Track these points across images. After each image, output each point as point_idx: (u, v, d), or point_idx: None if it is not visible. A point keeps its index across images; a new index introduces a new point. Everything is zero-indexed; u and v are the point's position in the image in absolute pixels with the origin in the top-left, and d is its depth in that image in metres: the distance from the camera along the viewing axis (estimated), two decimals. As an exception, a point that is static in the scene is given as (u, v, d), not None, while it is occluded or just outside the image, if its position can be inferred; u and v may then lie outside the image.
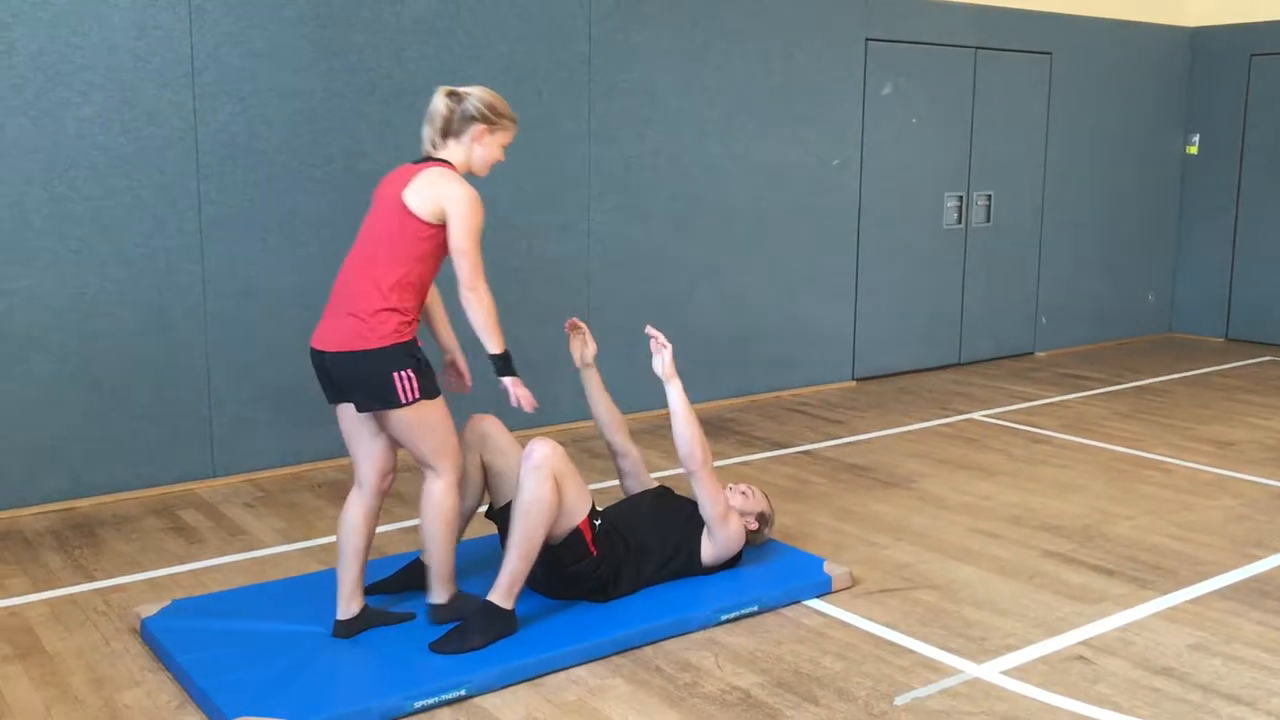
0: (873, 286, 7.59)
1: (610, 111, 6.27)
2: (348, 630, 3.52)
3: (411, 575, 3.86)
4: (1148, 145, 9.10)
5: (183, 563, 4.31)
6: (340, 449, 5.60)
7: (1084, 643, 3.63)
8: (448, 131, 3.51)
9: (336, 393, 3.46)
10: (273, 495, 5.13)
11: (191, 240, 5.11)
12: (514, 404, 3.47)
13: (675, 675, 3.39)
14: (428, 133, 3.55)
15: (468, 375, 3.86)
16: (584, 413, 6.07)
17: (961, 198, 7.97)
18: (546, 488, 3.45)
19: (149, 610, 3.67)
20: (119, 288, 4.97)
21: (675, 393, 3.89)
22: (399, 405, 3.35)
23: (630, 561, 3.80)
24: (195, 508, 4.96)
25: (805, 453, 5.89)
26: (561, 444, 3.62)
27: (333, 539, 4.57)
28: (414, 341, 3.42)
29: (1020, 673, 3.42)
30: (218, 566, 4.27)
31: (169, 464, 5.19)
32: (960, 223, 7.99)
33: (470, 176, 3.60)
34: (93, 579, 4.14)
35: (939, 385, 7.56)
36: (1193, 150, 9.29)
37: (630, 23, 6.28)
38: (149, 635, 3.54)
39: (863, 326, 7.59)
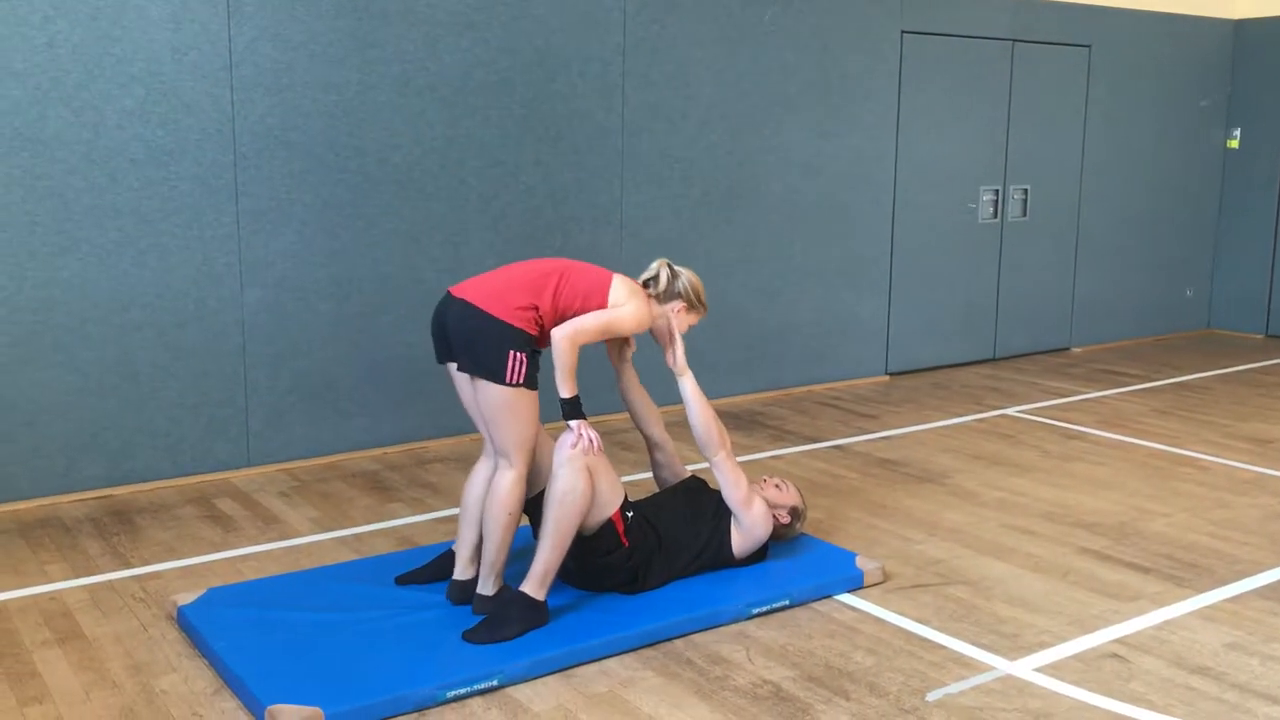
0: (907, 280, 7.55)
1: (644, 104, 6.27)
2: (461, 591, 3.69)
3: (444, 566, 3.88)
4: (1188, 139, 8.98)
5: (219, 550, 4.35)
6: (372, 440, 5.65)
7: (1119, 640, 3.60)
8: (660, 295, 3.87)
9: (446, 348, 3.63)
10: (307, 485, 5.18)
11: (229, 231, 5.16)
12: (583, 444, 3.52)
13: (706, 668, 3.39)
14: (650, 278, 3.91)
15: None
16: (614, 405, 6.08)
17: (998, 191, 7.90)
18: (581, 479, 3.46)
19: (186, 598, 3.72)
20: (157, 278, 5.02)
21: (689, 384, 3.91)
22: (502, 382, 3.48)
23: (661, 553, 3.80)
24: (231, 496, 5.01)
25: (837, 447, 5.87)
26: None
27: (366, 528, 4.61)
28: (537, 341, 3.57)
29: (1054, 670, 3.40)
30: (253, 555, 4.31)
31: (205, 453, 5.24)
32: (996, 216, 7.93)
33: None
34: (130, 566, 4.19)
35: (973, 380, 7.51)
36: (1234, 144, 9.17)
37: (665, 15, 6.27)
38: (186, 622, 3.58)
39: (896, 320, 7.55)
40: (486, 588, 3.62)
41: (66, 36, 4.72)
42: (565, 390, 3.56)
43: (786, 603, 3.80)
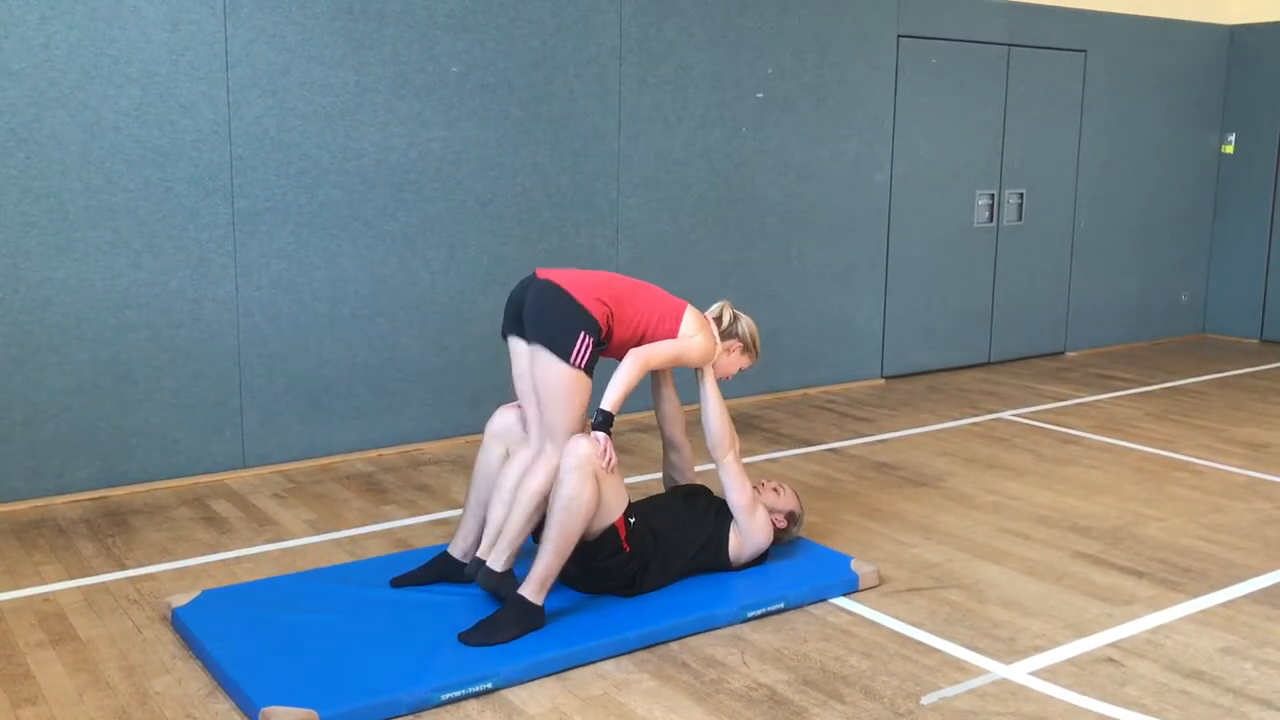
0: (902, 284, 7.56)
1: (641, 106, 6.27)
2: (475, 569, 3.75)
3: (439, 567, 3.88)
4: (1183, 144, 9.01)
5: (213, 552, 4.35)
6: (367, 442, 5.65)
7: (1113, 644, 3.61)
8: (720, 334, 4.02)
9: (516, 322, 3.74)
10: (302, 486, 5.17)
11: (224, 233, 5.15)
12: (598, 450, 3.53)
13: (701, 671, 3.39)
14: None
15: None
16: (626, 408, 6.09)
17: (993, 196, 7.92)
18: (588, 486, 3.46)
19: (180, 599, 3.71)
20: (153, 279, 5.02)
21: (710, 384, 3.94)
22: (566, 360, 3.57)
23: (658, 556, 3.80)
24: (225, 498, 5.00)
25: (832, 450, 5.88)
26: (584, 434, 3.63)
27: (361, 530, 4.60)
28: (602, 336, 3.67)
29: (1048, 674, 3.40)
30: (247, 556, 4.31)
31: (200, 454, 5.24)
32: (991, 221, 7.94)
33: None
34: (125, 567, 4.18)
35: (968, 384, 7.52)
36: (1229, 149, 9.19)
37: (662, 18, 6.27)
38: (180, 624, 3.57)
39: (892, 324, 7.56)
40: (498, 564, 3.63)
41: (63, 38, 4.71)
42: (611, 405, 3.62)
43: (782, 606, 3.80)
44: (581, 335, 3.58)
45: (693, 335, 3.82)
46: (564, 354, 3.58)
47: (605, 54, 6.11)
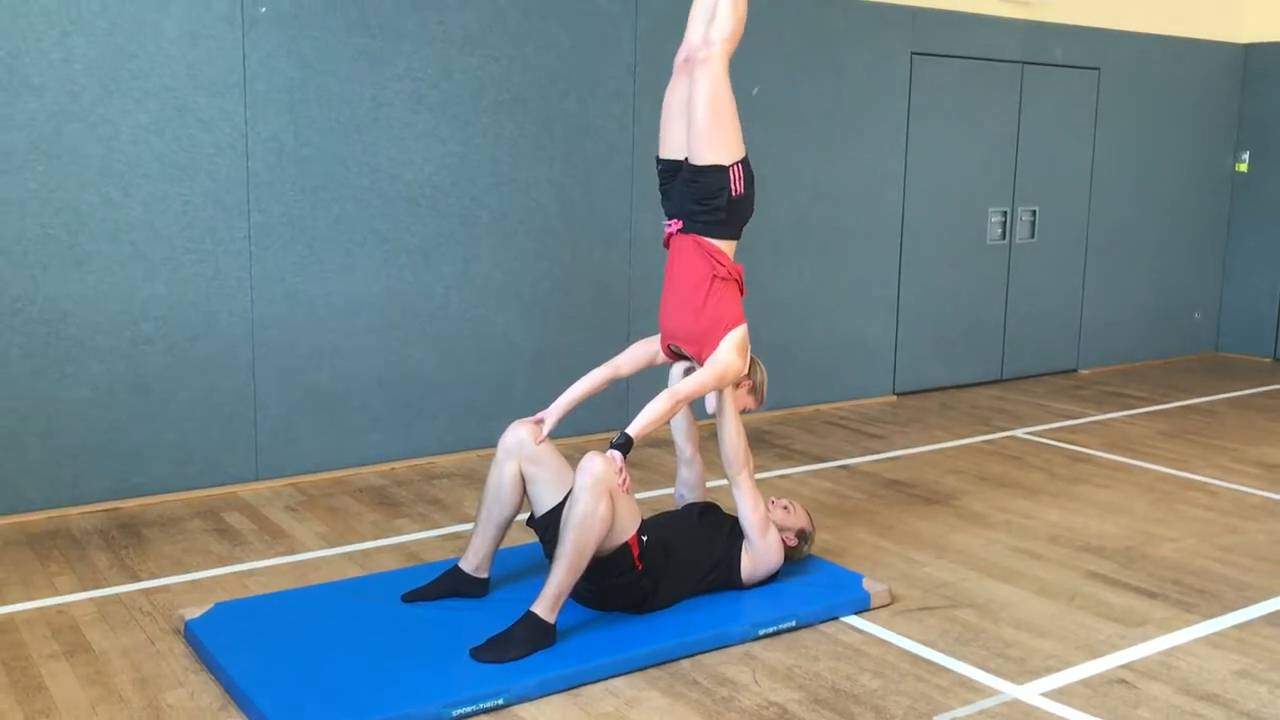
0: (915, 300, 7.55)
1: (655, 122, 6.25)
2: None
3: (451, 582, 3.89)
4: (1196, 162, 8.99)
5: (226, 564, 4.36)
6: (380, 455, 5.66)
7: (1126, 666, 3.60)
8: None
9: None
10: (315, 499, 5.19)
11: (240, 246, 5.18)
12: (613, 469, 3.53)
13: (712, 689, 3.39)
14: None
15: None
16: (619, 422, 6.09)
17: (1006, 213, 7.92)
18: (603, 504, 3.47)
19: (193, 612, 3.72)
20: (169, 292, 5.05)
21: (727, 400, 3.94)
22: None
23: (671, 574, 3.80)
24: (238, 510, 5.02)
25: (844, 467, 5.87)
26: (599, 452, 3.63)
27: (373, 544, 4.62)
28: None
29: (1060, 695, 3.39)
30: (260, 569, 4.32)
31: (214, 466, 5.26)
32: (1004, 238, 7.94)
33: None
34: (138, 579, 4.20)
35: (981, 401, 7.51)
36: (1243, 168, 9.18)
37: (676, 34, 6.24)
38: (193, 637, 3.59)
39: (904, 340, 7.56)
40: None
41: (83, 52, 4.75)
42: (635, 432, 3.64)
43: (793, 624, 3.80)
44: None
45: (735, 358, 3.85)
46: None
47: (620, 71, 6.13)
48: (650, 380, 4.56)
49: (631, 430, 3.63)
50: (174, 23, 4.92)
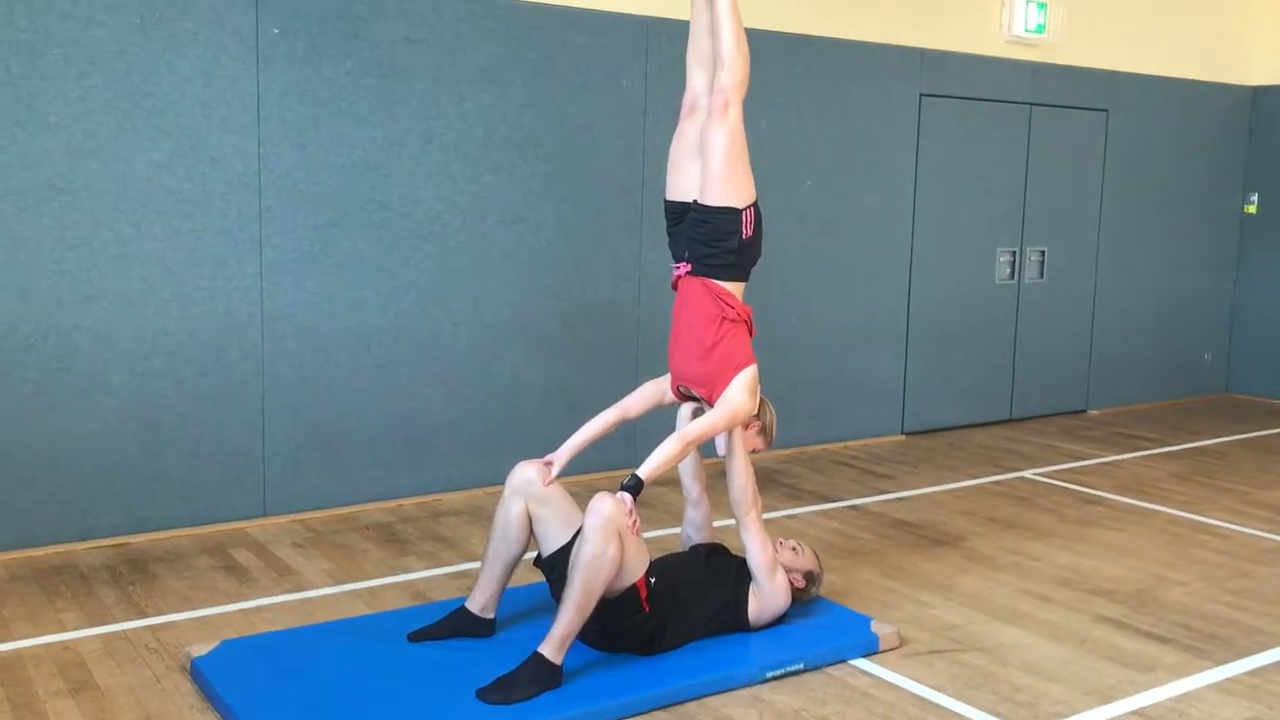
0: (923, 340, 7.55)
1: (664, 161, 6.31)
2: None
3: (458, 622, 3.88)
4: (1205, 203, 9.01)
5: (233, 601, 4.35)
6: (386, 492, 5.66)
7: (1136, 712, 3.56)
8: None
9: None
10: (322, 536, 5.18)
11: (251, 282, 5.21)
12: (624, 511, 3.53)
13: (719, 732, 3.37)
14: None
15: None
16: (627, 461, 6.10)
17: (1014, 253, 7.93)
18: (612, 546, 3.46)
19: (200, 650, 3.72)
20: (179, 327, 5.07)
21: (737, 440, 3.94)
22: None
23: (676, 616, 3.79)
24: (246, 546, 5.02)
25: (853, 507, 5.85)
26: (610, 493, 3.63)
27: (379, 582, 4.60)
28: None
29: (1070, 742, 3.36)
30: (267, 606, 4.31)
31: (221, 502, 5.26)
32: (1013, 278, 7.95)
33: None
34: (145, 615, 4.19)
35: (990, 441, 7.49)
36: (1252, 209, 9.19)
37: (684, 76, 6.32)
38: (199, 675, 3.58)
39: (913, 380, 7.55)
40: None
41: (100, 91, 4.80)
42: (646, 474, 3.62)
43: (800, 666, 3.78)
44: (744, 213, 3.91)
45: (745, 399, 3.84)
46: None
47: (630, 110, 6.18)
48: (658, 420, 4.55)
49: (642, 472, 3.63)
50: (189, 62, 4.98)
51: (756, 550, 3.90)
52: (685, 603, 3.81)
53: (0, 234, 4.68)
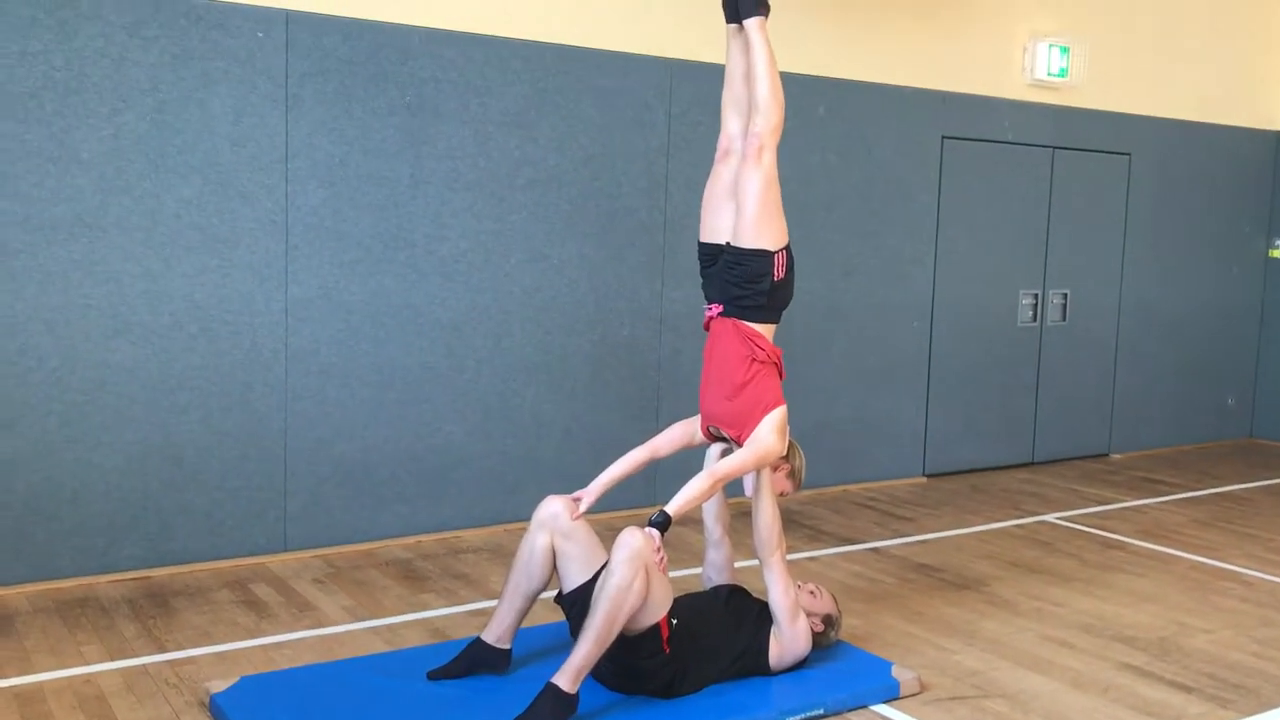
0: (945, 381, 7.54)
1: (687, 202, 6.36)
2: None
3: (475, 656, 3.87)
4: (1229, 247, 8.98)
5: (253, 637, 4.36)
6: (407, 528, 5.67)
7: (1161, 763, 3.52)
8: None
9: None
10: (342, 572, 5.19)
11: (277, 319, 5.26)
12: (651, 546, 3.54)
13: (738, 777, 3.35)
14: None
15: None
16: (648, 500, 6.09)
17: (1037, 295, 7.92)
18: (639, 579, 3.46)
19: (219, 686, 3.72)
20: (205, 362, 5.12)
21: (764, 482, 3.95)
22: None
23: (696, 659, 3.77)
24: (266, 581, 5.03)
25: (873, 550, 5.83)
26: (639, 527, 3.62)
27: (399, 619, 4.60)
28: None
29: (1094, 792, 3.32)
30: (287, 642, 4.32)
31: (243, 537, 5.28)
32: (1035, 320, 7.94)
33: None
34: (165, 650, 4.20)
35: (1011, 484, 7.45)
36: (1276, 254, 9.16)
37: (708, 116, 6.37)
38: (218, 711, 3.58)
39: (934, 422, 7.53)
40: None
41: (132, 128, 4.88)
42: (674, 510, 3.64)
43: (820, 712, 3.75)
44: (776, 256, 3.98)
45: (772, 439, 3.87)
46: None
47: (653, 150, 6.22)
48: (682, 459, 4.56)
49: (670, 509, 3.63)
50: (220, 100, 5.05)
51: (779, 593, 3.89)
52: (705, 645, 3.79)
53: (30, 268, 4.74)
